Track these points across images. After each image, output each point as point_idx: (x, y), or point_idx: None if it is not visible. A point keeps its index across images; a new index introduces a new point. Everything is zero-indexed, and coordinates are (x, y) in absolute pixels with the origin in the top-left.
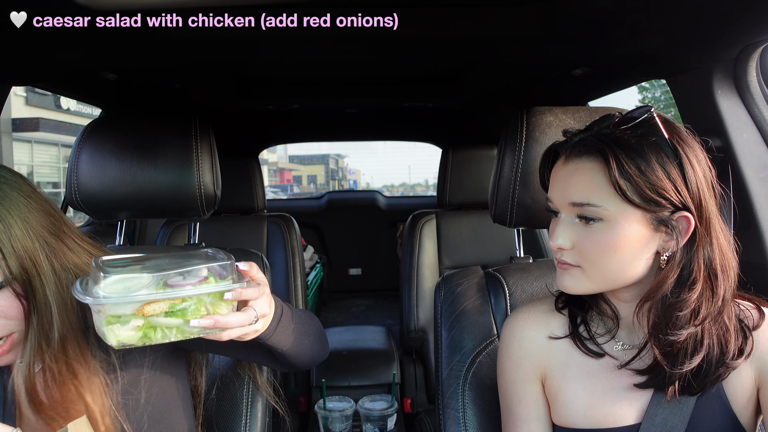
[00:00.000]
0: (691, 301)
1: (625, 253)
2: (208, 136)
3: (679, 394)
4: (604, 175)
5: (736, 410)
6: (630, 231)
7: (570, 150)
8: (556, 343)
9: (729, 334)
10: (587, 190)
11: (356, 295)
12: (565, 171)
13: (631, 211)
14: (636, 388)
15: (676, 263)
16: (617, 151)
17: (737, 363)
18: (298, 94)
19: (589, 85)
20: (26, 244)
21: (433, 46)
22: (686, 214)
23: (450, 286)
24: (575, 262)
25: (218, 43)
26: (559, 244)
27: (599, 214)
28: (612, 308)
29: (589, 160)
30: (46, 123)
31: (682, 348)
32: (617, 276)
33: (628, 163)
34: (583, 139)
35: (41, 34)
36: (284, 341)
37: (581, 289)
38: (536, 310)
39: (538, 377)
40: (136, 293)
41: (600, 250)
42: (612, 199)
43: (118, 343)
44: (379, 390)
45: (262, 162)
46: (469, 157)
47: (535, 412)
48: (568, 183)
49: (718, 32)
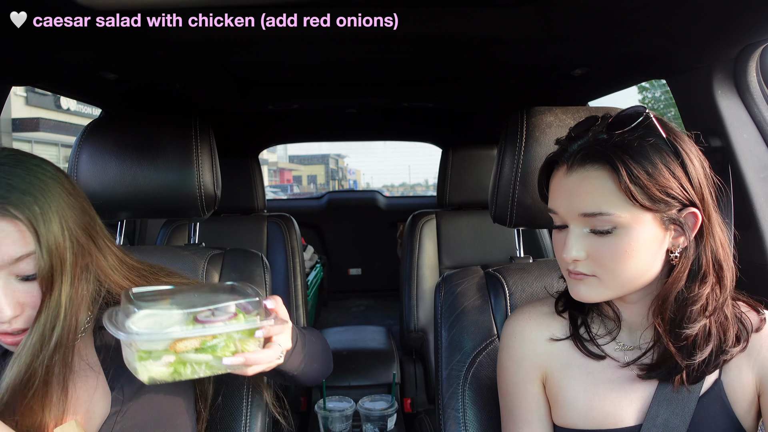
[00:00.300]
0: (704, 295)
1: (641, 257)
2: (208, 136)
3: (687, 383)
4: (613, 183)
5: (737, 413)
6: (644, 234)
7: (573, 159)
8: (556, 344)
9: (728, 322)
10: (598, 200)
11: (356, 295)
12: (570, 181)
13: (642, 215)
14: (637, 387)
15: (688, 259)
16: (624, 158)
17: (735, 351)
18: (298, 94)
19: (589, 85)
20: (59, 240)
21: (433, 46)
22: (693, 210)
23: (450, 286)
24: (591, 272)
25: (218, 43)
26: (573, 256)
27: (612, 222)
28: (614, 310)
29: (594, 168)
30: (46, 123)
31: (695, 341)
32: (635, 280)
33: (636, 168)
34: (584, 147)
35: (41, 34)
36: (296, 367)
37: (599, 297)
38: (536, 312)
39: (538, 378)
40: (168, 329)
41: (617, 257)
42: (624, 206)
43: (149, 379)
44: (379, 390)
45: (262, 162)
46: (469, 157)
47: (536, 413)
48: (576, 193)
49: (718, 32)
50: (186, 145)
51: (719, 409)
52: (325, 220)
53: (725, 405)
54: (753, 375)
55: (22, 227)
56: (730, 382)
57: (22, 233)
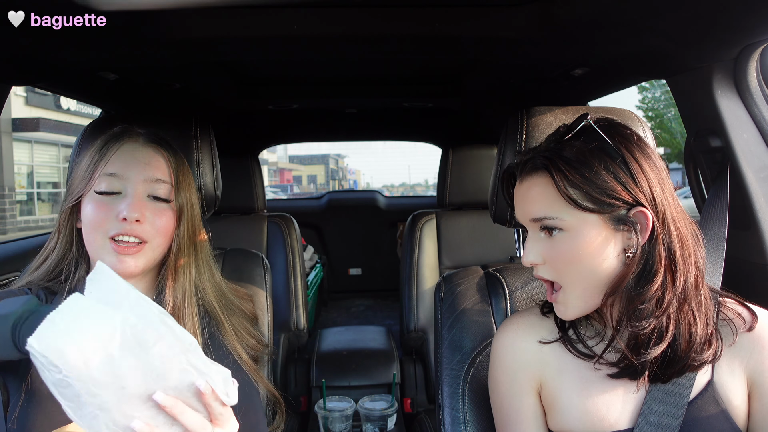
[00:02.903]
0: (651, 293)
1: (591, 258)
2: (208, 136)
3: (649, 382)
4: (553, 189)
5: (731, 412)
6: (590, 235)
7: (522, 169)
8: (548, 350)
9: (696, 325)
10: (542, 205)
11: (356, 295)
12: (521, 190)
13: (587, 217)
14: (631, 388)
15: (638, 258)
16: (560, 164)
17: (705, 356)
18: (298, 94)
19: (589, 85)
20: (192, 197)
21: (433, 46)
22: (642, 210)
23: (450, 286)
24: (551, 278)
25: (218, 43)
26: (530, 260)
27: (558, 225)
28: (598, 312)
29: (538, 176)
30: (46, 123)
31: (646, 338)
32: (592, 281)
33: (571, 172)
34: (531, 158)
35: (40, 34)
36: None
37: (576, 311)
38: (524, 320)
39: (534, 388)
40: None
41: (567, 259)
42: (566, 209)
43: None
44: (379, 390)
45: (262, 162)
46: (469, 157)
47: (534, 424)
48: (525, 200)
49: (718, 32)
50: (186, 145)
51: (714, 410)
52: (325, 220)
53: (720, 406)
54: (744, 376)
55: (169, 168)
56: (723, 383)
57: (168, 168)
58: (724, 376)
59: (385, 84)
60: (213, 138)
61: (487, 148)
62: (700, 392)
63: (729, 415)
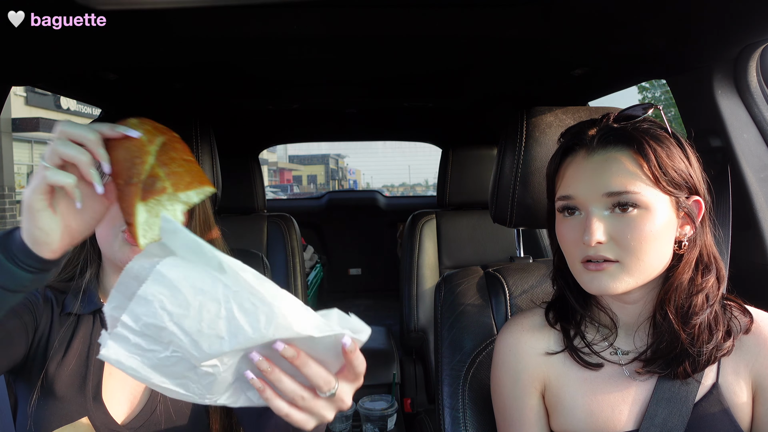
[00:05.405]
0: (708, 285)
1: (661, 241)
2: (208, 136)
3: (692, 373)
4: (637, 164)
5: (736, 414)
6: (664, 216)
7: (596, 142)
8: (552, 355)
9: (718, 316)
10: (624, 179)
11: (356, 295)
12: (593, 163)
13: (661, 197)
14: (635, 390)
15: (696, 248)
16: (648, 140)
17: (727, 345)
18: (298, 94)
19: (589, 85)
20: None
21: (433, 46)
22: (698, 199)
23: (450, 286)
24: (615, 257)
25: (218, 43)
26: (597, 237)
27: (637, 201)
28: (609, 314)
29: (617, 149)
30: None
31: (700, 330)
32: (654, 265)
33: (659, 150)
34: (610, 131)
35: (40, 34)
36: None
37: (621, 287)
38: (529, 323)
39: (537, 389)
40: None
41: (642, 237)
42: (647, 187)
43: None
44: (379, 390)
45: (262, 162)
46: (469, 157)
47: (536, 425)
48: (599, 174)
49: (718, 32)
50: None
51: (719, 413)
52: (325, 220)
53: (725, 409)
54: (749, 378)
55: None
56: (728, 385)
57: None
58: (729, 378)
59: (385, 84)
60: (213, 138)
61: (487, 149)
62: (705, 394)
63: (733, 418)
